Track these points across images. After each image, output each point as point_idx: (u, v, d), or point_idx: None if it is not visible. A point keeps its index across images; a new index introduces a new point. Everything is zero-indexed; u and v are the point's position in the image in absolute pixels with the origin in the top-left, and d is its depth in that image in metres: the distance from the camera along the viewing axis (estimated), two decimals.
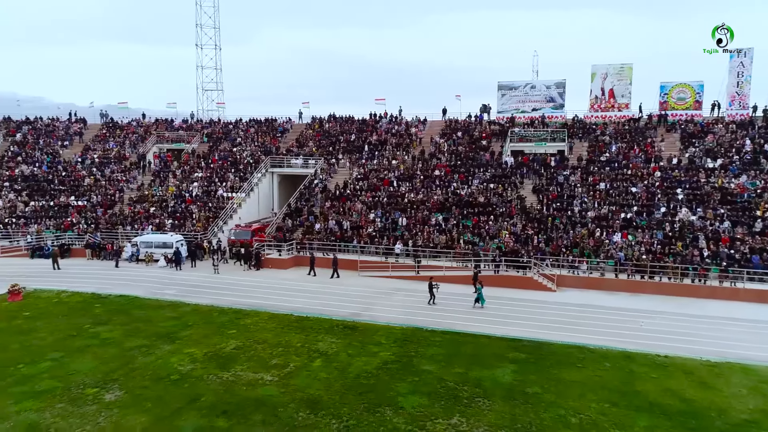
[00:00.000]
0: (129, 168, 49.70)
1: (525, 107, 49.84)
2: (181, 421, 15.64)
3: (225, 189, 45.79)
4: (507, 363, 20.05)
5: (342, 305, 27.53)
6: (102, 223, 42.11)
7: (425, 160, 45.48)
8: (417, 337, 22.86)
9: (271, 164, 48.49)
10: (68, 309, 26.74)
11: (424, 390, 17.75)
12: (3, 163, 49.63)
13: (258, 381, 18.35)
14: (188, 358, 20.29)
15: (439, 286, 28.02)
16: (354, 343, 22.06)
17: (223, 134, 55.35)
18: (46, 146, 52.91)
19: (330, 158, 48.22)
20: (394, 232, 37.08)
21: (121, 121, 58.87)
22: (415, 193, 40.95)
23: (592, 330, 23.76)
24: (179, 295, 29.27)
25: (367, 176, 44.26)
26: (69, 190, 46.46)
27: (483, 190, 40.11)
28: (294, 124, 56.89)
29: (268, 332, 23.31)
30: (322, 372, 19.11)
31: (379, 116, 54.20)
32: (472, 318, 25.51)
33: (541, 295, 29.66)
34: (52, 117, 58.68)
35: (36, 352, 20.99)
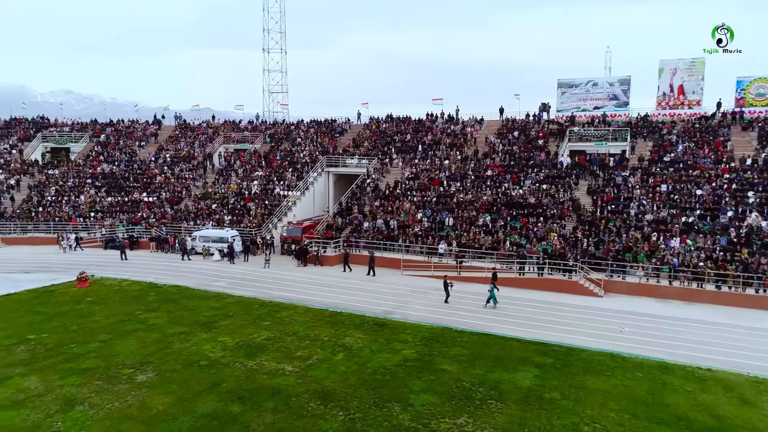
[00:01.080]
0: (196, 167, 52.63)
1: (586, 105, 47.99)
2: (199, 404, 16.52)
3: (282, 187, 47.44)
4: (531, 367, 19.52)
5: (377, 302, 27.83)
6: (168, 218, 44.93)
7: (478, 160, 44.88)
8: (444, 336, 22.73)
9: (327, 164, 49.70)
10: (126, 296, 28.84)
11: (437, 389, 17.68)
12: (88, 162, 54.13)
13: (279, 371, 19.01)
14: (220, 346, 21.34)
15: (453, 285, 27.93)
16: (380, 339, 22.28)
17: (284, 135, 57.32)
18: (125, 146, 57.13)
19: (383, 158, 48.70)
20: (440, 232, 36.90)
21: (193, 123, 62.37)
22: (465, 193, 40.52)
23: (633, 338, 22.58)
24: (227, 287, 30.76)
25: (419, 176, 44.31)
26: (142, 186, 49.94)
27: (535, 191, 39.04)
28: (352, 125, 57.94)
29: (300, 325, 24.02)
30: (341, 366, 19.49)
31: (435, 116, 54.08)
32: (506, 320, 24.98)
33: (586, 300, 28.50)
34: (132, 119, 63.28)
35: (89, 333, 22.86)
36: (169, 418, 15.67)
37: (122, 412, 16.04)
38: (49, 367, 19.20)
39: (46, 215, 45.82)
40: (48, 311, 26.03)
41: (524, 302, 27.90)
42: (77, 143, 57.21)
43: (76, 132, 59.26)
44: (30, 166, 52.81)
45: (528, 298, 28.70)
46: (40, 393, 17.20)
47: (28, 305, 26.95)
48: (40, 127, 59.39)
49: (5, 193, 48.98)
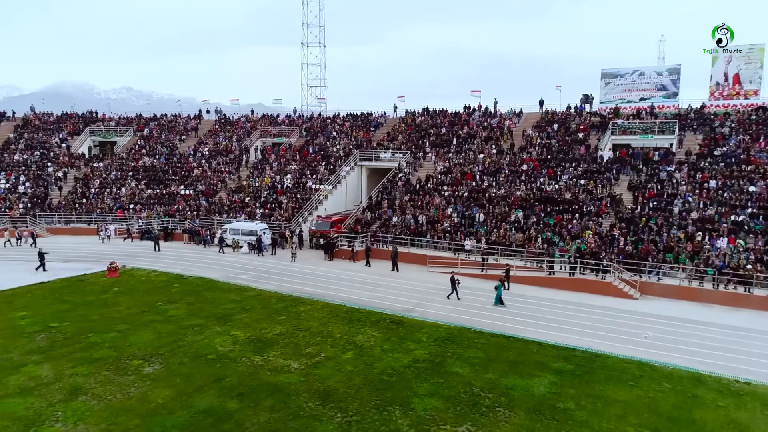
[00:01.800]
0: (232, 160, 53.28)
1: (631, 96, 45.51)
2: (199, 399, 16.33)
3: (314, 181, 47.31)
4: (548, 373, 18.36)
5: (398, 299, 27.12)
6: (202, 210, 45.63)
7: (514, 154, 43.31)
8: (461, 337, 21.80)
9: (361, 157, 49.20)
10: (151, 287, 29.28)
11: (444, 393, 16.84)
12: (131, 155, 55.74)
13: (284, 367, 18.63)
14: (231, 340, 21.19)
15: (460, 281, 27.34)
16: (393, 338, 21.59)
17: (320, 129, 57.21)
18: (166, 140, 58.49)
19: (417, 152, 47.78)
20: (470, 228, 35.76)
21: (232, 117, 63.22)
22: (498, 188, 39.14)
23: (666, 346, 20.95)
24: (250, 280, 30.77)
25: (451, 170, 43.17)
26: (179, 179, 50.97)
27: (572, 186, 37.25)
28: (388, 118, 57.20)
29: (314, 321, 23.62)
30: (348, 365, 18.92)
31: (472, 109, 52.66)
32: (530, 322, 23.74)
33: (619, 302, 26.81)
34: (175, 114, 64.74)
35: (109, 323, 23.21)
36: (166, 413, 15.54)
37: (122, 404, 16.03)
38: (64, 356, 19.54)
39: (89, 207, 47.43)
40: (75, 300, 26.70)
41: (551, 303, 26.52)
42: (122, 137, 59.00)
43: (121, 126, 61.14)
44: (77, 159, 54.84)
45: (556, 298, 27.26)
46: (49, 381, 17.47)
47: (58, 294, 27.74)
48: (88, 122, 61.62)
49: (53, 185, 51.06)
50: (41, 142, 57.08)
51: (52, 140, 57.85)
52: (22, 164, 52.82)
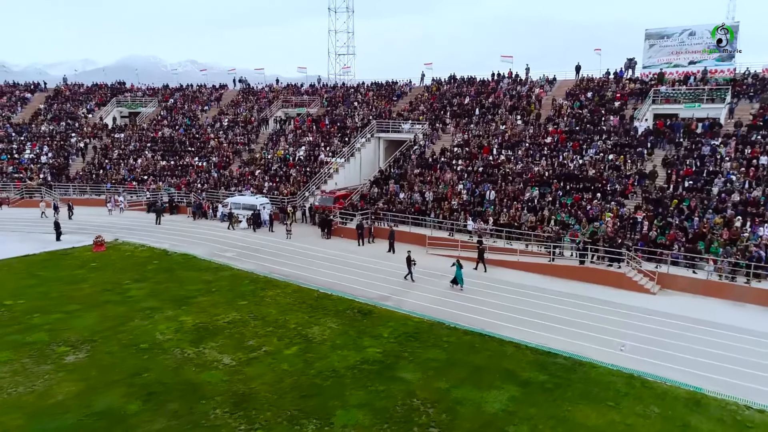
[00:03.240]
0: (248, 131, 51.74)
1: (679, 60, 40.04)
2: (101, 397, 14.69)
3: (326, 153, 45.04)
4: (513, 385, 15.50)
5: (379, 285, 24.65)
6: (211, 183, 44.43)
7: (539, 126, 39.26)
8: (429, 333, 19.15)
9: (378, 129, 46.43)
10: (129, 263, 28.12)
11: (378, 404, 14.39)
12: (151, 126, 55.30)
13: (213, 363, 16.70)
14: (175, 327, 19.49)
15: (416, 263, 25.23)
16: (351, 332, 19.23)
17: (341, 99, 54.63)
18: (188, 111, 57.66)
19: (436, 123, 44.46)
20: (478, 207, 32.52)
21: (256, 87, 61.59)
22: (515, 164, 35.49)
23: (672, 355, 17.51)
24: (233, 258, 29.10)
25: (469, 143, 39.71)
26: (195, 151, 50.00)
27: (598, 161, 33.12)
28: (413, 87, 53.86)
29: (276, 308, 21.59)
30: (286, 363, 16.75)
31: (500, 76, 48.47)
32: (517, 318, 20.70)
33: (632, 297, 23.17)
34: (200, 84, 63.81)
35: (63, 302, 22.08)
36: (59, 412, 13.96)
37: (18, 399, 14.60)
38: None
39: (105, 178, 47.28)
40: (46, 275, 25.86)
41: (550, 295, 23.26)
42: (146, 108, 58.67)
43: (147, 97, 60.83)
44: (100, 130, 54.94)
45: (558, 290, 23.94)
46: None
47: (34, 268, 27.03)
48: (115, 92, 61.71)
49: (75, 155, 51.36)
50: (68, 113, 57.57)
51: (79, 111, 58.22)
52: (47, 135, 53.36)
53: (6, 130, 53.60)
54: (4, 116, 56.32)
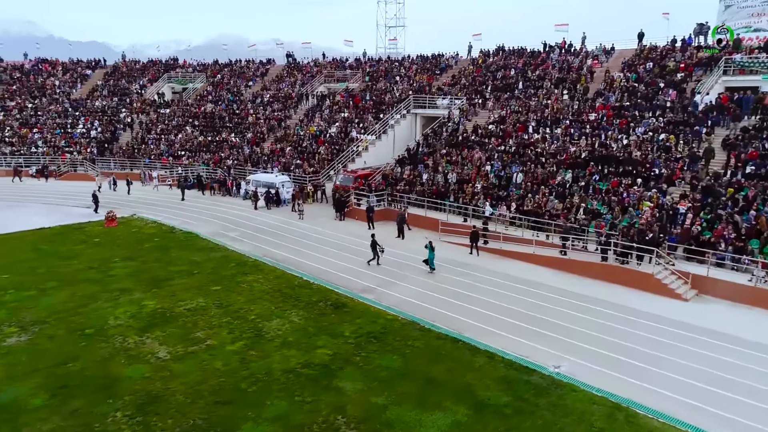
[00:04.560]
0: (287, 107, 50.67)
1: (761, 24, 34.19)
2: (12, 388, 13.86)
3: (358, 130, 43.01)
4: (465, 407, 13.06)
5: (369, 275, 22.56)
6: (241, 159, 43.83)
7: (586, 101, 35.03)
8: (397, 334, 16.93)
9: (415, 104, 43.75)
10: (131, 240, 27.76)
11: (295, 420, 12.52)
12: (196, 102, 55.65)
13: (146, 355, 15.47)
14: (133, 312, 18.53)
15: (384, 250, 23.83)
16: (311, 328, 17.39)
17: (384, 73, 52.17)
18: (233, 86, 57.50)
19: (476, 98, 41.11)
20: (502, 191, 29.38)
21: (302, 61, 60.37)
22: (551, 143, 31.79)
23: (680, 382, 14.25)
24: (234, 239, 28.03)
25: (505, 120, 36.22)
26: (232, 127, 49.64)
27: (645, 141, 28.84)
28: (460, 60, 50.42)
29: (247, 295, 20.16)
30: (221, 360, 15.21)
31: (550, 47, 44.03)
32: (506, 322, 17.93)
33: (658, 303, 19.58)
34: (248, 59, 63.53)
35: (45, 279, 21.85)
36: None
37: None
38: None
39: (146, 152, 48.07)
40: (47, 249, 25.98)
41: (557, 295, 20.15)
42: (193, 83, 59.17)
43: (197, 72, 61.35)
44: (148, 105, 56.03)
45: (569, 289, 20.73)
46: None
47: (40, 242, 27.29)
48: (168, 69, 62.75)
49: (122, 130, 52.68)
50: (122, 89, 59.17)
51: (132, 87, 59.70)
52: (99, 110, 55.09)
53: (64, 105, 55.88)
54: (65, 92, 58.79)
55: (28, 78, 60.58)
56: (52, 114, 54.48)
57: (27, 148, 49.49)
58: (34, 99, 56.87)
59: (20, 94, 57.57)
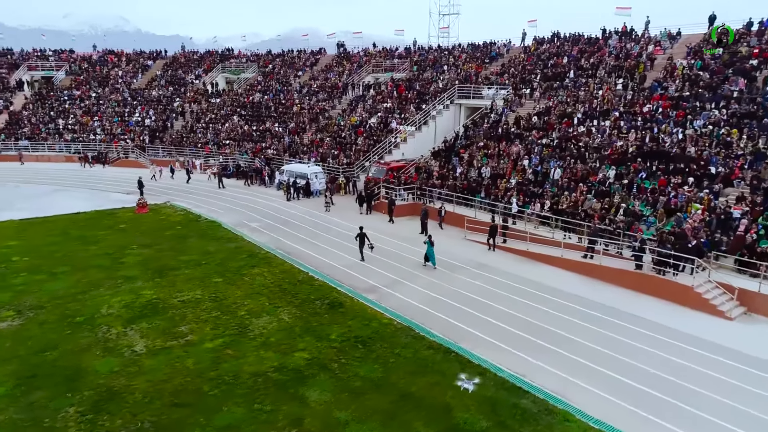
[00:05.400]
0: (333, 97, 50.06)
1: None
2: None
3: (399, 121, 41.66)
4: (433, 430, 11.61)
5: (378, 272, 21.35)
6: (281, 150, 43.64)
7: (641, 90, 31.92)
8: (386, 340, 15.64)
9: (459, 94, 41.87)
10: (154, 227, 27.94)
11: (248, 430, 11.54)
12: (246, 92, 56.20)
13: (123, 349, 15.07)
14: (128, 301, 18.31)
15: (373, 246, 22.70)
16: (298, 328, 16.44)
17: (432, 62, 50.41)
18: (283, 76, 57.60)
19: (523, 87, 38.69)
20: (538, 187, 27.21)
21: (352, 51, 59.58)
22: (597, 136, 29.13)
23: (704, 420, 12.11)
24: (254, 229, 27.66)
25: (550, 111, 33.71)
26: (276, 116, 49.64)
27: (703, 136, 25.73)
28: (512, 48, 47.84)
29: (246, 289, 19.51)
30: (194, 358, 14.56)
31: (609, 33, 40.70)
32: (514, 334, 16.17)
33: (697, 321, 17.11)
34: (300, 49, 63.48)
35: (60, 263, 22.19)
36: None
37: None
38: None
39: (192, 141, 49.00)
40: (73, 234, 26.58)
41: (578, 305, 18.06)
42: (245, 73, 59.80)
43: (250, 63, 62.02)
44: (200, 95, 57.19)
45: (595, 299, 18.56)
46: None
47: (70, 226, 27.99)
48: (223, 59, 63.85)
49: (174, 119, 54.05)
50: (179, 79, 60.78)
51: (188, 77, 61.19)
52: (155, 99, 56.83)
53: (123, 94, 58.10)
54: (126, 82, 61.13)
55: (94, 69, 63.49)
56: (112, 103, 56.76)
57: (87, 136, 51.78)
58: (97, 88, 59.51)
59: (86, 83, 60.43)
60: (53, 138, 51.72)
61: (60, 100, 57.63)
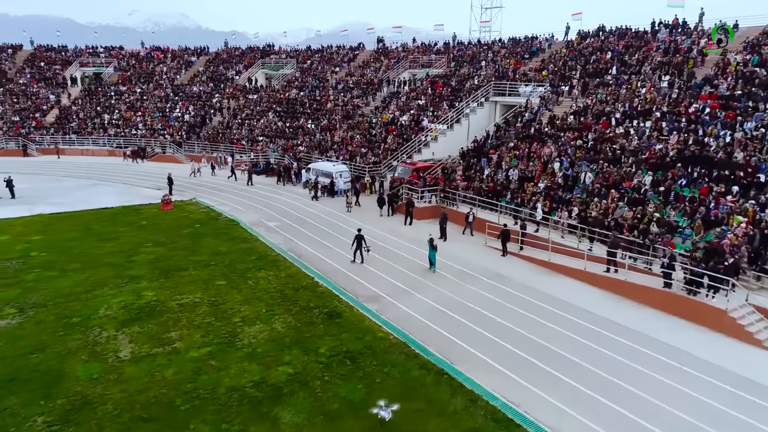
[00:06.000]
0: (365, 93, 49.29)
1: None
2: None
3: (431, 119, 40.46)
4: None
5: (384, 280, 20.43)
6: (311, 147, 43.24)
7: (688, 89, 29.49)
8: (377, 357, 14.76)
9: (495, 91, 40.27)
10: (174, 225, 27.96)
11: None
12: (282, 88, 56.20)
13: (109, 354, 14.81)
14: (127, 302, 18.17)
15: (369, 249, 22.33)
16: (288, 338, 15.79)
17: (470, 58, 48.80)
18: (320, 72, 57.25)
19: (561, 85, 36.72)
20: (567, 192, 25.53)
21: (391, 46, 58.59)
22: (636, 138, 27.07)
23: None
24: (271, 229, 27.31)
25: (588, 109, 31.72)
26: (310, 113, 49.32)
27: (755, 139, 23.37)
28: (555, 43, 45.70)
29: (246, 293, 19.06)
30: (174, 368, 14.09)
31: (659, 26, 38.04)
32: (519, 357, 14.94)
33: (727, 349, 15.34)
34: (339, 45, 62.93)
35: (73, 259, 22.44)
36: None
37: None
38: None
39: (226, 137, 49.37)
40: (96, 229, 26.97)
41: (596, 326, 16.55)
42: (284, 69, 59.85)
43: (289, 59, 62.05)
44: (239, 91, 57.65)
45: (615, 319, 16.99)
46: None
47: (94, 222, 28.44)
48: (264, 55, 64.18)
49: (212, 115, 54.70)
50: (220, 75, 61.54)
51: (229, 73, 61.85)
52: (195, 95, 57.74)
53: (166, 90, 59.34)
54: (170, 78, 62.43)
55: (140, 65, 65.20)
56: (155, 98, 58.08)
57: (129, 131, 53.16)
58: (142, 84, 61.06)
59: (132, 79, 62.12)
60: (97, 132, 53.39)
61: (107, 95, 59.48)
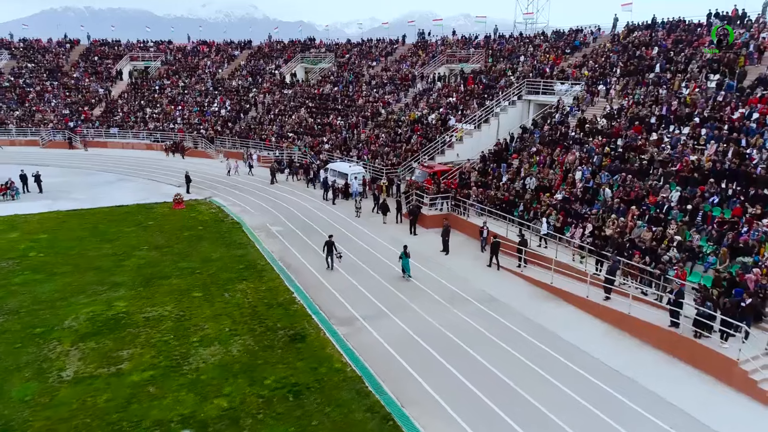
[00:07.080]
0: (398, 89, 47.74)
1: None
2: None
3: (459, 118, 38.49)
4: None
5: (366, 299, 19.13)
6: (336, 145, 42.27)
7: (736, 91, 26.20)
8: (325, 393, 13.54)
9: (528, 90, 37.82)
10: (178, 226, 27.68)
11: None
12: (318, 83, 55.48)
13: (52, 372, 14.40)
14: (95, 313, 17.85)
15: (341, 255, 21.84)
16: (238, 365, 14.83)
17: (509, 52, 46.21)
18: (357, 67, 56.06)
19: (598, 83, 33.86)
20: (584, 205, 23.21)
21: (431, 40, 56.58)
22: (668, 147, 24.27)
23: None
24: (272, 234, 26.64)
25: (622, 112, 28.92)
26: (340, 109, 48.31)
27: None
28: (600, 36, 42.45)
29: (218, 308, 18.34)
30: (109, 394, 13.44)
31: (714, 17, 34.30)
32: (478, 401, 13.30)
33: (735, 410, 13.04)
34: (379, 38, 61.47)
35: (68, 261, 22.55)
36: None
37: None
38: None
39: (257, 133, 49.21)
40: (102, 229, 27.13)
41: (584, 369, 14.55)
42: (322, 64, 59.11)
43: (329, 53, 61.25)
44: (275, 85, 57.42)
45: (607, 362, 14.90)
46: None
47: (104, 220, 28.67)
48: (304, 49, 63.70)
49: (248, 110, 54.79)
50: (259, 69, 61.62)
51: (268, 67, 61.82)
52: (234, 89, 58.07)
53: (207, 84, 60.06)
54: (212, 72, 63.17)
55: (186, 59, 66.37)
56: (195, 92, 58.91)
57: (167, 125, 54.14)
58: (186, 78, 62.10)
59: (176, 73, 63.33)
60: (138, 126, 54.72)
61: (152, 89, 60.92)
